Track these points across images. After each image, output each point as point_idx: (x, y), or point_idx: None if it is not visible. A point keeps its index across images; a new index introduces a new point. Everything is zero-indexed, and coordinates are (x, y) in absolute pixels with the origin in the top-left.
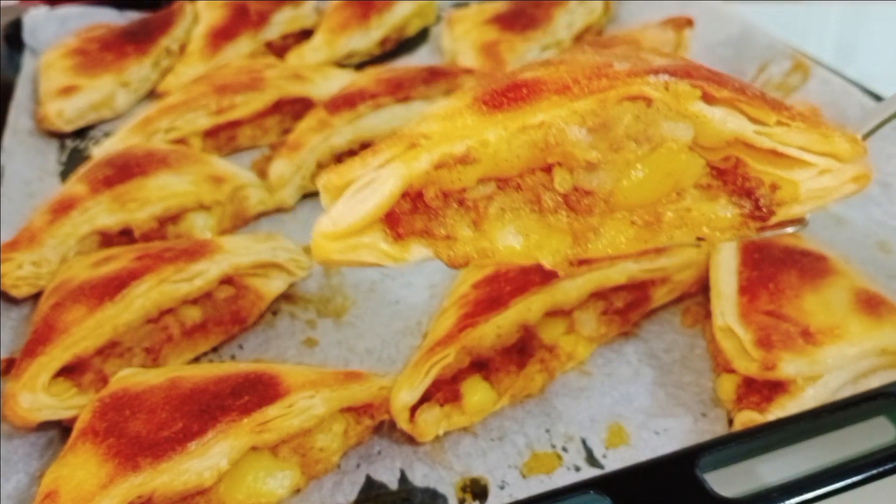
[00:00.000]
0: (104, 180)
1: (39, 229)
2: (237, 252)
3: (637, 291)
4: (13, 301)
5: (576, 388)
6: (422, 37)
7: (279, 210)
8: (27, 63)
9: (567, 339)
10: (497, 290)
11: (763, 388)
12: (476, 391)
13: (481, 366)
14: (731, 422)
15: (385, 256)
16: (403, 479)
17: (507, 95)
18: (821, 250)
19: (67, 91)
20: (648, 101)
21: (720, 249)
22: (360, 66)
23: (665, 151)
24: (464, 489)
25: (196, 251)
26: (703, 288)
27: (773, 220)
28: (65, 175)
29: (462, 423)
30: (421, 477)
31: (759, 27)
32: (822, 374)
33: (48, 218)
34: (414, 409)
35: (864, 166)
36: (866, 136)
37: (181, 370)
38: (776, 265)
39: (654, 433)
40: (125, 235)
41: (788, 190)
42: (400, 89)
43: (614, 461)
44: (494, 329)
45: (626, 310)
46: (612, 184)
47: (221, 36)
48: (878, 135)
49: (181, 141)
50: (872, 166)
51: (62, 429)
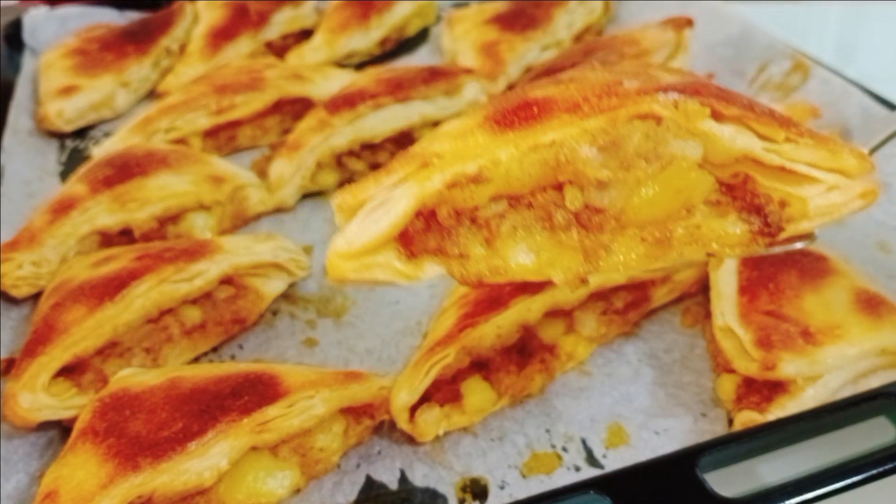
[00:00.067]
0: (104, 180)
1: (39, 229)
2: (237, 252)
3: (637, 291)
4: (13, 301)
5: (576, 388)
6: (422, 37)
7: (279, 210)
8: (27, 63)
9: (567, 339)
10: (497, 290)
11: (763, 388)
12: (476, 391)
13: (481, 366)
14: (731, 422)
15: (399, 275)
16: (403, 479)
17: (518, 114)
18: (821, 250)
19: (67, 91)
20: (658, 120)
21: None
22: (360, 66)
23: (675, 169)
24: (464, 489)
25: (196, 251)
26: (703, 288)
27: (782, 236)
28: (65, 175)
29: (462, 423)
30: (421, 477)
31: (759, 27)
32: (822, 375)
33: (48, 218)
34: (414, 409)
35: (872, 182)
36: (873, 150)
37: (181, 370)
38: (776, 265)
39: (654, 433)
40: (125, 235)
41: (797, 206)
42: (400, 89)
43: (614, 461)
44: (494, 329)
45: (626, 310)
46: (623, 201)
47: (221, 36)
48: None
49: (181, 141)
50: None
51: (62, 429)
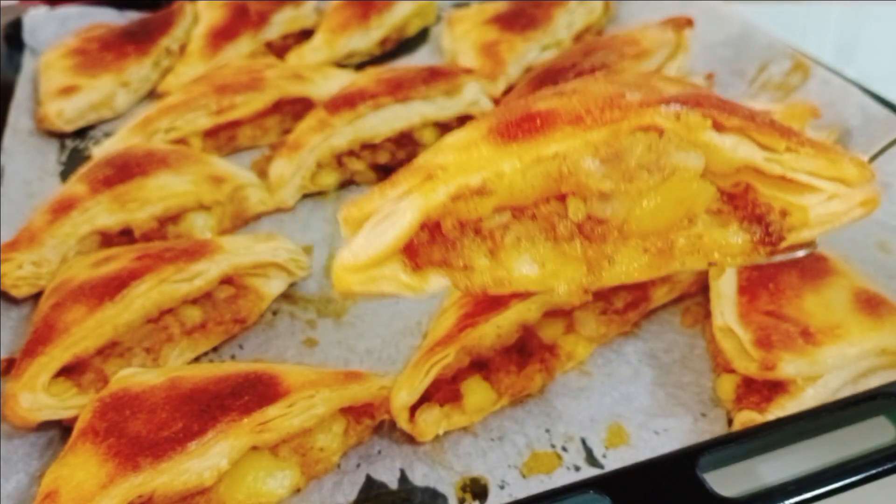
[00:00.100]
0: (104, 180)
1: (39, 229)
2: (237, 252)
3: (637, 291)
4: (13, 301)
5: (576, 388)
6: (422, 37)
7: (279, 210)
8: (27, 63)
9: (567, 338)
10: None
11: (763, 388)
12: (476, 391)
13: (481, 366)
14: (730, 422)
15: (404, 287)
16: (403, 478)
17: (521, 126)
18: (821, 250)
19: (67, 91)
20: (660, 132)
21: None
22: (360, 67)
23: (677, 180)
24: (464, 489)
25: (196, 251)
26: (702, 288)
27: (783, 245)
28: (65, 175)
29: (462, 423)
30: (421, 476)
31: (759, 27)
32: (822, 374)
33: (48, 218)
34: (414, 409)
35: (872, 190)
36: (874, 158)
37: (181, 370)
38: (776, 265)
39: (653, 433)
40: (125, 235)
41: (798, 215)
42: (400, 89)
43: (614, 461)
44: (494, 329)
45: (626, 309)
46: (626, 212)
47: (221, 36)
48: None
49: (181, 141)
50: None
51: (62, 429)
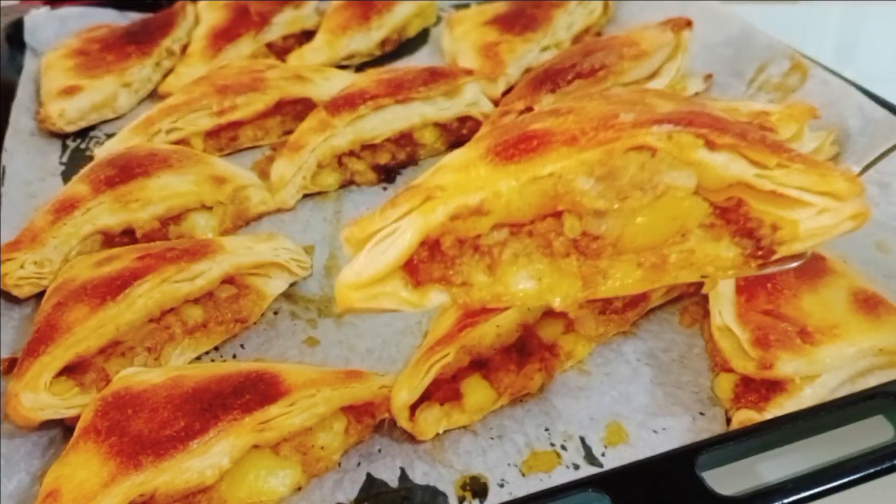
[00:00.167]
0: (106, 180)
1: (41, 229)
2: (238, 252)
3: None
4: (15, 301)
5: (575, 388)
6: (422, 38)
7: (280, 210)
8: (29, 63)
9: (566, 338)
10: None
11: (761, 388)
12: (476, 390)
13: (481, 365)
14: (729, 421)
15: (405, 303)
16: (404, 477)
17: (517, 147)
18: (818, 250)
19: (69, 91)
20: (653, 151)
21: None
22: (360, 68)
23: (669, 198)
24: (464, 487)
25: (198, 251)
26: (701, 288)
27: (774, 258)
28: (66, 175)
29: (462, 422)
30: (421, 475)
31: (759, 27)
32: (820, 374)
33: (50, 218)
34: (414, 408)
35: (862, 204)
36: (864, 171)
37: (183, 369)
38: None
39: (652, 432)
40: (127, 235)
41: (788, 229)
42: (400, 90)
43: (613, 459)
44: (494, 328)
45: (625, 309)
46: (620, 229)
47: (222, 37)
48: None
49: (183, 141)
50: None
51: (64, 428)
